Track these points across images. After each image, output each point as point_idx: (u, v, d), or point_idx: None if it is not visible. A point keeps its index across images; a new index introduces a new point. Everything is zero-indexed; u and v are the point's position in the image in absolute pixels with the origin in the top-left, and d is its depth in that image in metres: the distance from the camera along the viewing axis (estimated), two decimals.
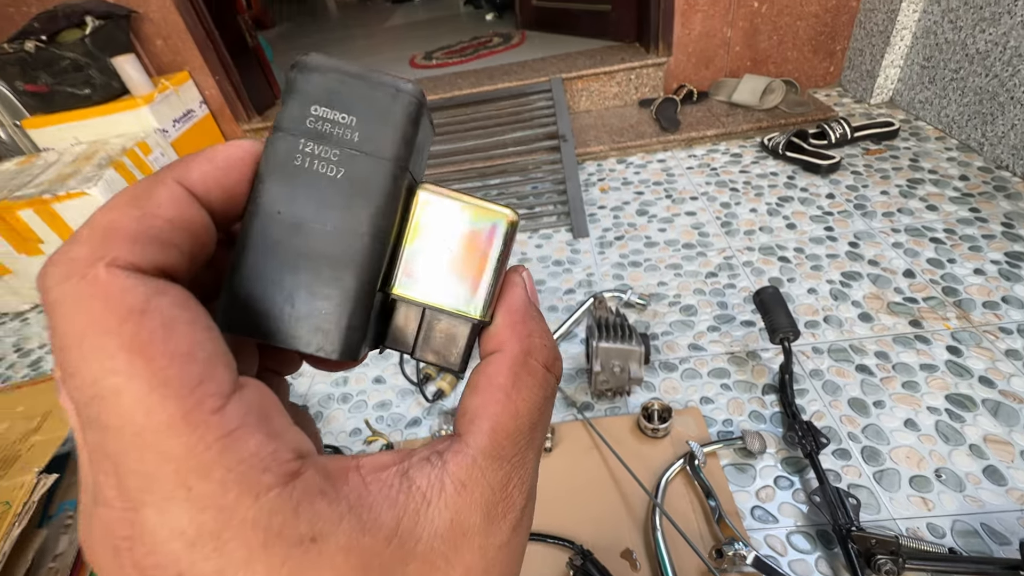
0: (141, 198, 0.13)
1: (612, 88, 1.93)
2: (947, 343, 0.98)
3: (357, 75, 0.16)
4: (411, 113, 0.16)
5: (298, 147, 0.15)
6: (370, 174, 0.16)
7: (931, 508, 0.77)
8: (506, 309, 0.17)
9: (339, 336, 0.15)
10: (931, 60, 1.53)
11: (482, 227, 0.17)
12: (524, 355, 0.16)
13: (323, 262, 0.15)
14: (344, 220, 0.15)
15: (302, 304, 0.15)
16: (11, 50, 1.57)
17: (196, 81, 1.93)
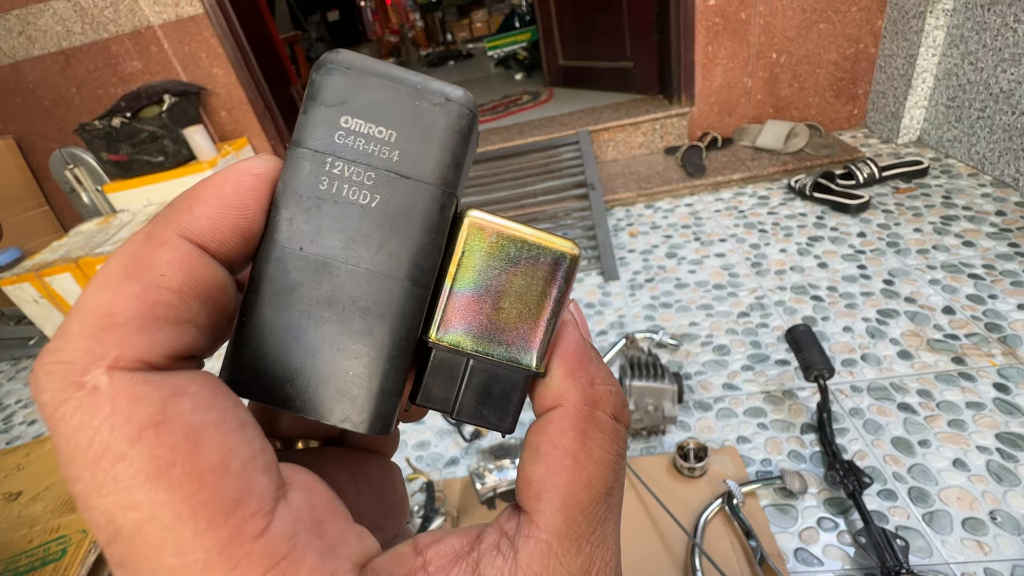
0: (140, 266, 0.11)
1: (638, 138, 2.02)
2: (994, 380, 0.95)
3: (397, 79, 0.13)
4: (463, 128, 0.14)
5: (324, 168, 0.13)
6: (412, 202, 0.13)
7: (988, 552, 0.74)
8: (562, 354, 0.14)
9: (370, 404, 0.13)
10: (955, 100, 1.55)
11: (541, 262, 0.14)
12: (589, 408, 0.14)
13: (353, 311, 0.13)
14: (380, 259, 0.13)
15: (326, 363, 0.13)
16: (100, 126, 1.78)
17: (253, 146, 2.12)
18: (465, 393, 0.14)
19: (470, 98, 0.14)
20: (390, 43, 5.51)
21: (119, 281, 0.10)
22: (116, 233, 1.69)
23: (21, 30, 1.91)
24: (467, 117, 0.14)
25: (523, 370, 0.14)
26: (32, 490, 0.94)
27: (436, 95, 0.13)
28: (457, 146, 0.13)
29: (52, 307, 1.63)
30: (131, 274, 0.10)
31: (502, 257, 0.14)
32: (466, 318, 0.14)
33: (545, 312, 0.14)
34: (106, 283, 0.10)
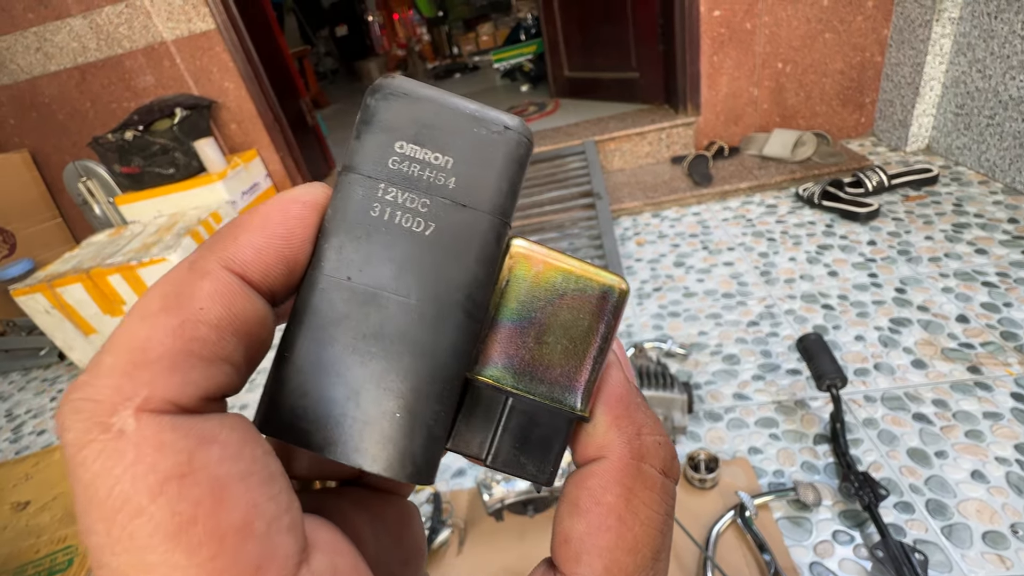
0: (180, 297, 0.10)
1: (644, 147, 2.02)
2: (1011, 390, 0.94)
3: (454, 106, 0.13)
4: (520, 156, 0.13)
5: (377, 194, 0.12)
6: (468, 231, 0.13)
7: (1010, 567, 0.72)
8: (606, 399, 0.13)
9: (416, 450, 0.12)
10: (964, 108, 1.55)
11: (589, 295, 0.13)
12: (636, 462, 0.13)
13: (403, 346, 0.12)
14: (433, 291, 0.12)
15: (371, 404, 0.12)
16: (113, 139, 1.81)
17: (263, 158, 2.15)
18: (502, 437, 0.13)
19: (527, 128, 0.13)
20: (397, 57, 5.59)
21: (157, 313, 0.10)
22: (127, 244, 1.71)
23: (38, 47, 1.95)
24: (524, 146, 0.13)
25: (567, 412, 0.13)
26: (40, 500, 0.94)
27: (494, 123, 0.13)
28: (514, 174, 0.13)
29: (63, 317, 1.64)
30: (169, 306, 0.10)
31: (548, 288, 0.13)
32: (507, 352, 0.13)
33: (591, 349, 0.13)
34: (143, 315, 0.10)
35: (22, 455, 1.32)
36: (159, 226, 1.80)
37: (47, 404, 1.64)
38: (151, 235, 1.74)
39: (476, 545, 0.87)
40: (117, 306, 1.63)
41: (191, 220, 1.76)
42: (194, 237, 1.65)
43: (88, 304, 1.61)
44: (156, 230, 1.77)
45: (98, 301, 1.62)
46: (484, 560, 0.85)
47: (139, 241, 1.71)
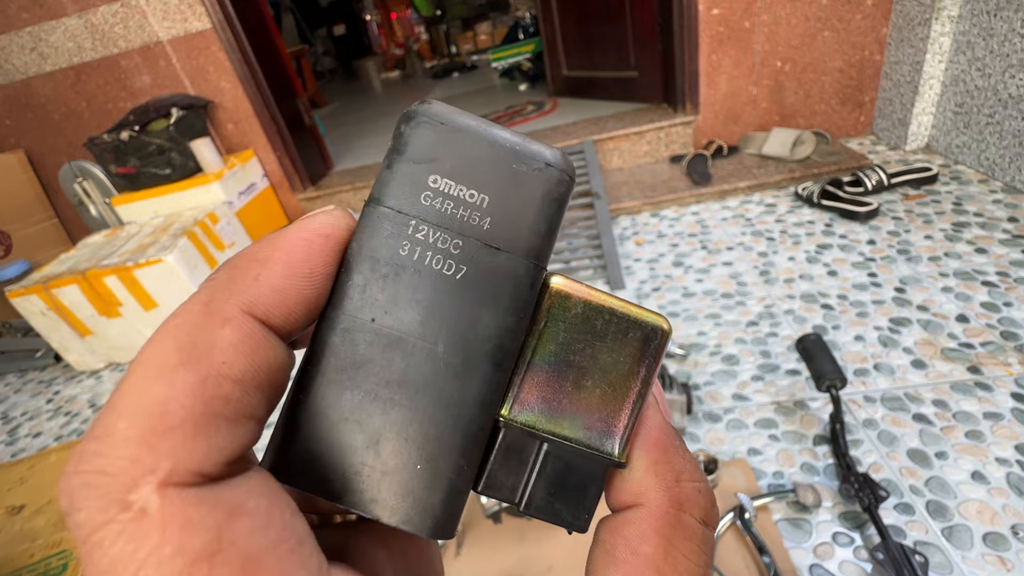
0: (200, 349, 0.09)
1: (642, 147, 2.01)
2: (1011, 390, 0.93)
3: (493, 139, 0.12)
4: (561, 196, 0.13)
5: (407, 231, 0.12)
6: (502, 276, 0.12)
7: (1011, 568, 0.71)
8: (644, 443, 0.13)
9: (437, 504, 0.12)
10: (963, 106, 1.54)
11: (630, 336, 0.13)
12: (675, 511, 0.12)
13: (428, 395, 0.12)
14: (461, 339, 0.12)
15: (391, 454, 0.12)
16: (109, 139, 1.80)
17: (260, 158, 2.14)
18: (536, 482, 0.13)
19: (569, 163, 0.13)
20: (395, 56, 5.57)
21: (175, 368, 0.09)
22: (123, 245, 1.70)
23: (33, 47, 1.94)
24: (565, 184, 0.13)
25: (603, 458, 0.13)
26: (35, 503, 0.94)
27: (535, 159, 0.12)
28: (553, 216, 0.13)
29: (59, 319, 1.63)
30: (188, 359, 0.09)
31: (587, 329, 0.13)
32: (544, 396, 0.13)
33: (631, 393, 0.13)
34: (160, 371, 0.09)
35: (17, 458, 1.31)
36: (155, 227, 1.79)
37: (43, 406, 1.63)
38: (147, 236, 1.73)
39: (474, 548, 0.87)
40: (113, 308, 1.62)
41: (187, 221, 1.75)
42: (190, 238, 1.64)
43: (84, 306, 1.60)
44: (152, 231, 1.76)
45: (94, 303, 1.61)
46: (482, 563, 0.85)
47: (135, 242, 1.70)
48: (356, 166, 2.45)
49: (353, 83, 5.41)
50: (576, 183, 0.15)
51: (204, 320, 0.10)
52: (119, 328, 1.66)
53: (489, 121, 0.13)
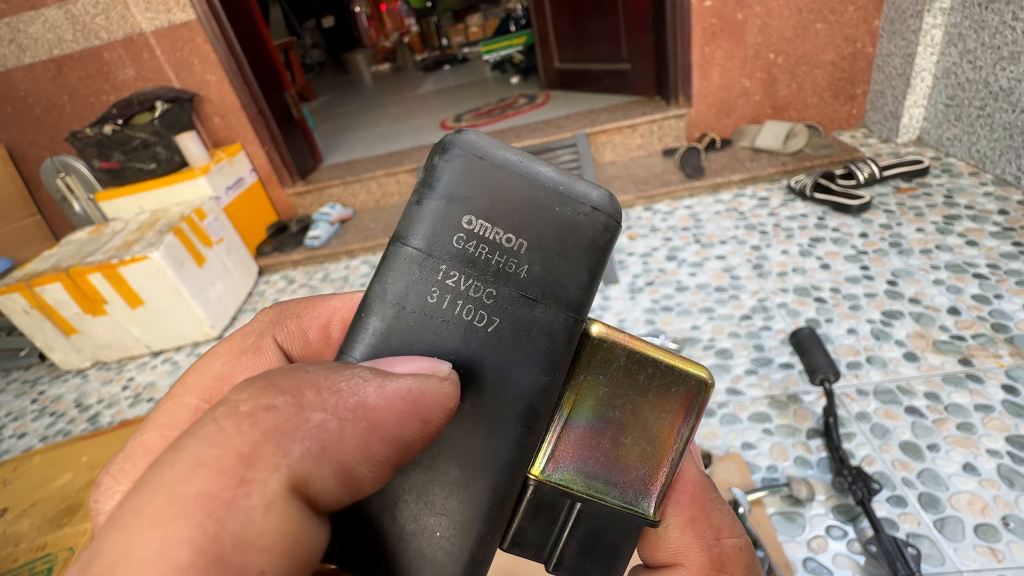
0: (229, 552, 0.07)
1: (635, 140, 2.00)
2: (1002, 382, 0.94)
3: (536, 177, 0.11)
4: (606, 243, 0.12)
5: (436, 276, 0.11)
6: (538, 332, 0.11)
7: (1001, 560, 0.72)
8: (678, 498, 0.12)
9: (455, 573, 0.11)
10: (955, 99, 1.54)
11: (674, 392, 0.12)
12: (716, 572, 0.11)
13: (449, 457, 0.11)
14: (490, 398, 0.11)
15: (409, 518, 0.11)
16: (91, 133, 1.76)
17: (248, 152, 2.11)
18: (568, 542, 0.12)
19: (617, 206, 0.12)
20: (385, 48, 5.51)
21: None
22: (108, 242, 1.67)
23: (12, 38, 1.89)
24: (612, 230, 0.12)
25: (639, 518, 0.12)
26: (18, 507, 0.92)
27: (580, 201, 0.11)
28: (597, 265, 0.11)
29: (43, 318, 1.60)
30: (210, 566, 0.06)
31: (629, 384, 0.12)
32: (581, 454, 0.12)
33: (671, 451, 0.12)
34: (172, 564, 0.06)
35: (1, 460, 1.29)
36: (141, 223, 1.76)
37: (28, 406, 1.61)
38: (133, 232, 1.70)
39: None
40: (98, 306, 1.59)
41: (174, 216, 1.72)
42: (177, 234, 1.61)
43: (68, 304, 1.57)
44: (138, 227, 1.73)
45: (79, 301, 1.58)
46: None
47: (120, 239, 1.67)
48: (346, 160, 2.42)
49: (342, 76, 5.34)
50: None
51: (240, 497, 0.07)
52: (105, 326, 1.63)
53: (530, 155, 0.12)
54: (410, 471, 0.11)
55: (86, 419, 1.49)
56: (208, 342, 1.69)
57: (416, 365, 0.10)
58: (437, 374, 0.10)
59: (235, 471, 0.07)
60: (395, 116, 3.14)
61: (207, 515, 0.07)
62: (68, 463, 1.01)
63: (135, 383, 1.60)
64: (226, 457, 0.07)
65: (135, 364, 1.70)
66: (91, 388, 1.63)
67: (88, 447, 1.08)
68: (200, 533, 0.07)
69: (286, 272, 2.02)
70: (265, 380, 0.08)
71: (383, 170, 2.14)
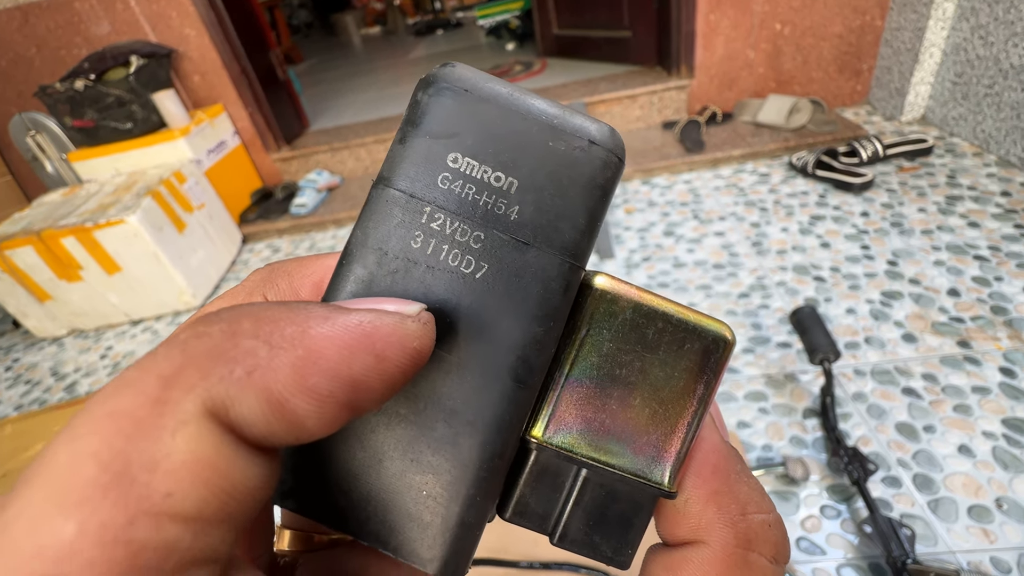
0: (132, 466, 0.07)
1: (635, 111, 1.94)
2: (999, 364, 0.93)
3: (527, 110, 0.10)
4: (606, 181, 0.11)
5: (420, 219, 0.10)
6: (530, 278, 0.10)
7: (994, 540, 0.72)
8: (699, 469, 0.11)
9: (444, 538, 0.10)
10: (962, 76, 1.50)
11: (687, 348, 0.11)
12: (742, 549, 0.11)
13: (436, 412, 0.10)
14: (478, 349, 0.10)
15: (394, 475, 0.10)
16: (62, 89, 1.66)
17: (230, 113, 2.01)
18: (573, 512, 0.11)
19: (618, 140, 0.11)
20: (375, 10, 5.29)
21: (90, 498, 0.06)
22: (82, 204, 1.59)
23: None
24: (613, 167, 0.11)
25: (651, 487, 0.11)
26: None
27: (576, 135, 0.10)
28: (596, 206, 0.11)
29: (14, 283, 1.53)
30: (114, 483, 0.06)
31: (637, 338, 0.11)
32: (584, 415, 0.11)
33: (686, 414, 0.11)
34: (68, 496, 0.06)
35: None
36: (117, 185, 1.68)
37: (2, 374, 1.55)
38: (108, 195, 1.62)
39: None
40: (73, 271, 1.52)
41: (152, 180, 1.64)
42: (155, 198, 1.54)
43: (41, 268, 1.51)
44: (114, 190, 1.65)
45: (52, 265, 1.51)
46: None
47: (95, 201, 1.59)
48: (334, 126, 2.33)
49: (331, 39, 5.14)
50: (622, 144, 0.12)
51: (151, 416, 0.07)
52: (81, 293, 1.57)
53: (523, 89, 0.11)
54: (395, 425, 0.10)
55: (63, 388, 1.44)
56: (189, 311, 1.64)
57: (377, 304, 0.09)
58: (402, 311, 0.09)
59: (151, 391, 0.07)
60: (385, 81, 3.03)
61: (116, 431, 0.07)
62: (41, 433, 0.97)
63: (114, 352, 1.55)
64: (147, 378, 0.07)
65: (114, 332, 1.65)
66: (68, 356, 1.58)
67: (63, 417, 1.03)
68: (106, 448, 0.07)
69: (271, 241, 1.96)
70: (211, 313, 0.08)
71: (372, 136, 2.06)
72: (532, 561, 0.77)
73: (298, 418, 0.08)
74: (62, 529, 0.06)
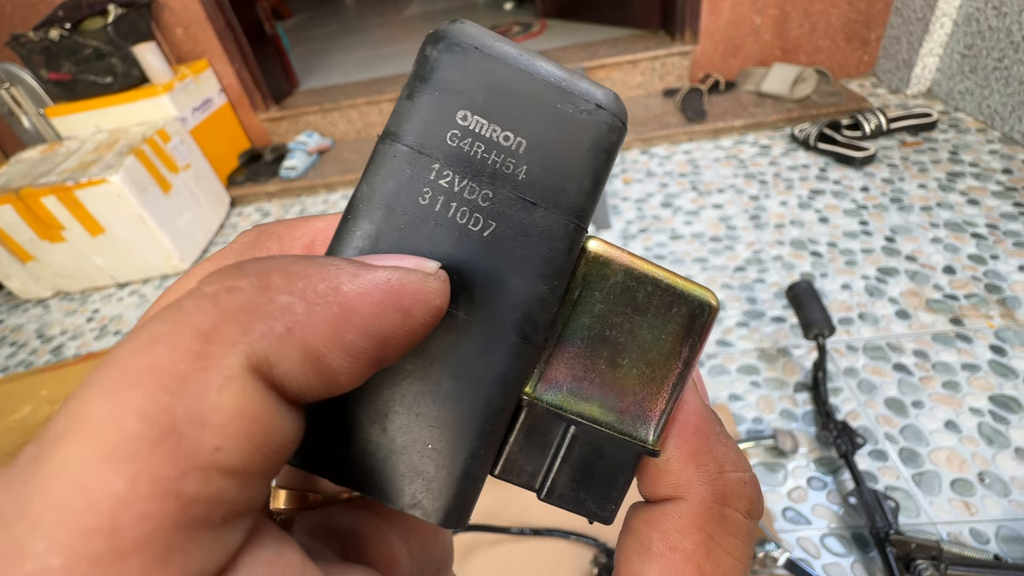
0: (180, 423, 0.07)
1: (636, 77, 1.89)
2: (990, 342, 0.93)
3: (536, 71, 0.10)
4: (611, 144, 0.11)
5: (428, 176, 0.10)
6: (537, 237, 0.10)
7: (974, 513, 0.73)
8: (681, 430, 0.12)
9: (448, 489, 0.10)
10: (972, 48, 1.47)
11: (675, 312, 0.11)
12: (718, 505, 0.11)
13: (442, 367, 0.10)
14: (484, 306, 0.10)
15: (399, 430, 0.10)
16: (36, 38, 1.58)
17: (215, 69, 1.93)
18: (561, 468, 0.12)
19: (622, 106, 0.11)
20: None
21: (140, 451, 0.06)
22: (62, 162, 1.54)
23: None
24: (618, 131, 0.11)
25: (636, 446, 0.12)
26: None
27: (584, 99, 0.11)
28: (601, 169, 0.11)
29: None
30: (164, 439, 0.06)
31: (627, 301, 0.11)
32: (574, 374, 0.12)
33: (671, 375, 0.12)
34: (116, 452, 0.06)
35: None
36: (98, 143, 1.61)
37: None
38: (89, 153, 1.56)
39: None
40: (55, 231, 1.48)
41: (135, 138, 1.58)
42: (138, 156, 1.49)
43: (21, 228, 1.46)
44: (95, 147, 1.59)
45: (33, 225, 1.46)
46: None
47: (76, 159, 1.54)
48: (324, 86, 2.25)
49: None
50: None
51: (195, 371, 0.07)
52: (64, 254, 1.53)
53: (532, 51, 0.11)
54: (401, 381, 0.10)
55: (49, 350, 1.42)
56: (177, 274, 1.61)
57: (399, 260, 0.10)
58: (422, 269, 0.09)
59: (191, 346, 0.07)
60: (378, 40, 2.92)
61: (160, 386, 0.07)
62: (27, 395, 0.96)
63: (100, 315, 1.52)
64: (183, 332, 0.07)
65: (100, 295, 1.61)
66: (53, 319, 1.55)
67: (49, 379, 1.02)
68: (151, 403, 0.07)
69: (260, 204, 1.91)
70: (233, 266, 0.08)
71: (364, 98, 1.99)
72: (523, 527, 0.78)
73: (333, 373, 0.08)
74: (112, 483, 0.06)
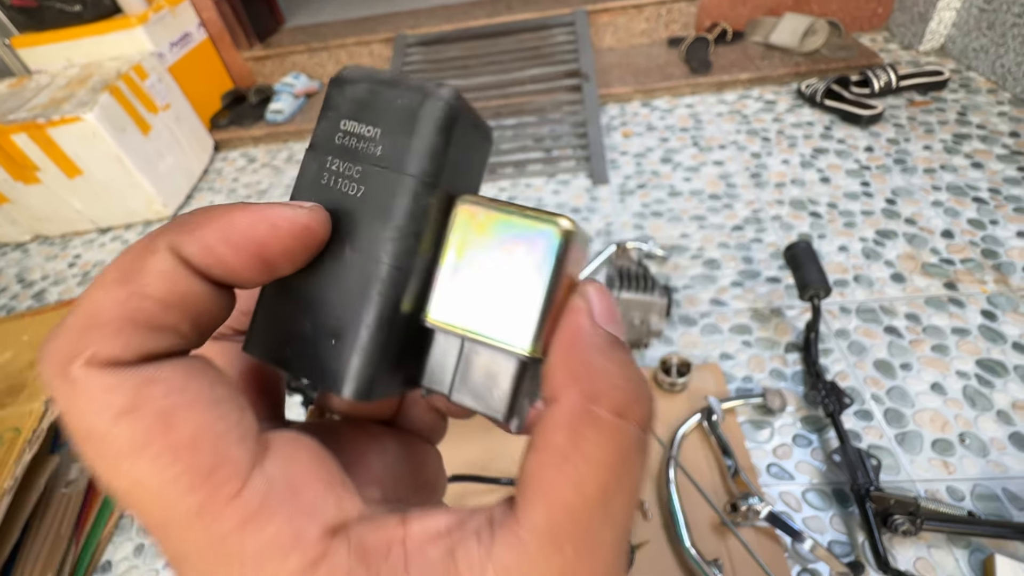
0: (130, 272, 0.11)
1: (640, 24, 1.80)
2: (982, 307, 0.94)
3: (387, 82, 0.14)
4: (439, 120, 0.14)
5: (325, 165, 0.15)
6: (389, 192, 0.14)
7: (952, 472, 0.75)
8: (559, 343, 0.13)
9: (350, 371, 0.14)
10: (992, 2, 1.40)
11: (528, 240, 0.14)
12: (584, 403, 0.12)
13: (336, 285, 0.14)
14: (363, 242, 0.14)
15: (312, 328, 0.14)
16: None
17: (193, 1, 1.80)
18: (460, 374, 0.15)
19: (453, 93, 0.14)
20: None
21: (111, 283, 0.11)
22: (33, 98, 1.45)
23: None
24: (444, 110, 0.14)
25: (516, 354, 0.14)
26: None
27: (416, 93, 0.14)
28: (434, 138, 0.14)
29: None
30: (122, 278, 0.11)
31: (493, 240, 0.14)
32: (459, 298, 0.14)
33: (537, 293, 0.14)
34: (102, 283, 0.11)
35: None
36: (70, 78, 1.52)
37: None
38: (61, 88, 1.47)
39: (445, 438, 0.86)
40: (29, 172, 1.41)
41: (109, 73, 1.49)
42: (113, 93, 1.40)
43: None
44: (67, 83, 1.50)
45: (5, 165, 1.40)
46: (451, 452, 0.84)
47: (46, 95, 1.45)
48: (312, 24, 2.12)
49: None
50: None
51: (141, 250, 0.11)
52: (40, 196, 1.47)
53: (399, 73, 0.15)
54: (306, 291, 0.14)
55: (31, 295, 1.39)
56: (161, 220, 1.56)
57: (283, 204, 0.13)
58: (296, 204, 0.13)
59: (146, 239, 0.12)
60: None
61: (127, 256, 0.11)
62: (8, 341, 0.94)
63: (82, 260, 1.48)
64: (144, 238, 0.12)
65: (81, 240, 1.57)
66: (34, 263, 1.51)
67: (30, 324, 1.00)
68: (121, 265, 0.11)
69: (246, 149, 1.84)
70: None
71: (355, 37, 1.88)
72: (513, 477, 0.80)
73: (224, 261, 0.12)
74: (98, 295, 0.11)
